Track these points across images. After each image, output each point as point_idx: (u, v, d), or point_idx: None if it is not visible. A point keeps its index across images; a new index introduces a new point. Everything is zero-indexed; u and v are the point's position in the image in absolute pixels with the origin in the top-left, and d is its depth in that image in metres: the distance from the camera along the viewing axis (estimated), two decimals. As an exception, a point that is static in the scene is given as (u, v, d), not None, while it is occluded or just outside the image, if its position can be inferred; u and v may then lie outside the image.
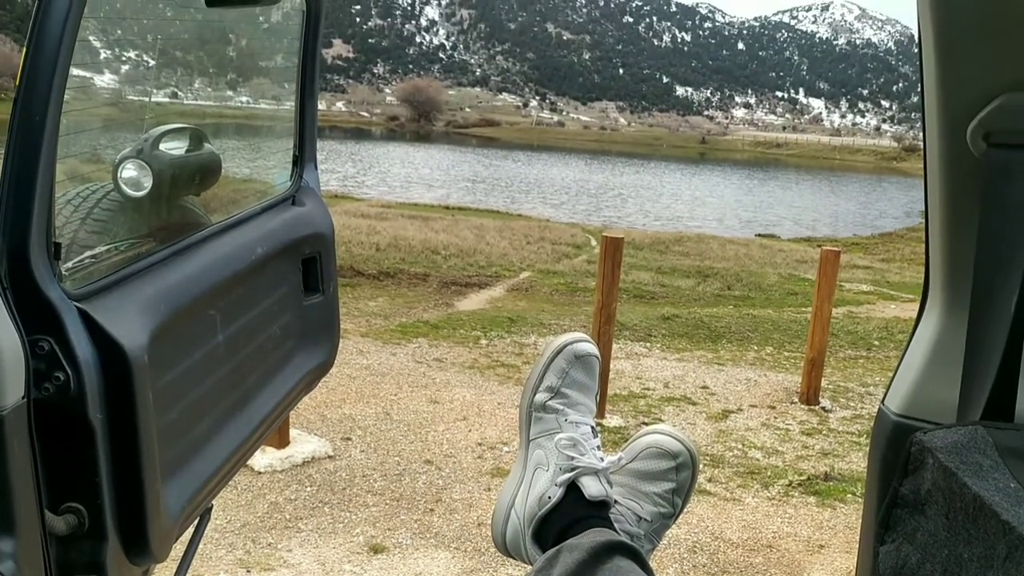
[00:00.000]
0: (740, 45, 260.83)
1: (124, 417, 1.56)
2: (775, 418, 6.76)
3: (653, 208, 37.57)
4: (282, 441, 5.25)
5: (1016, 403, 0.99)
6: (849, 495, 5.29)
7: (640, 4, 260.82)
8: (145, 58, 2.56)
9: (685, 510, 1.43)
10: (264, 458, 5.07)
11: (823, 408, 7.05)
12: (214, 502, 2.12)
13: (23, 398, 1.36)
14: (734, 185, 58.12)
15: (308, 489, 4.88)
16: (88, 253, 1.82)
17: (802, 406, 7.08)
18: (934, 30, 1.00)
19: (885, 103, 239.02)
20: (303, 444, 5.37)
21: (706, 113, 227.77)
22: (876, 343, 10.07)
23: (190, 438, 1.89)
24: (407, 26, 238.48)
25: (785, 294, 14.26)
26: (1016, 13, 0.95)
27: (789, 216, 38.14)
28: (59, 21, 1.46)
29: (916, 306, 1.27)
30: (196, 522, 2.03)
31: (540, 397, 1.38)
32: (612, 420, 6.31)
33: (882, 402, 1.22)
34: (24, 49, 1.49)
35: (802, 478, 5.53)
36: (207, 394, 1.95)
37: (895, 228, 33.23)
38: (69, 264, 1.69)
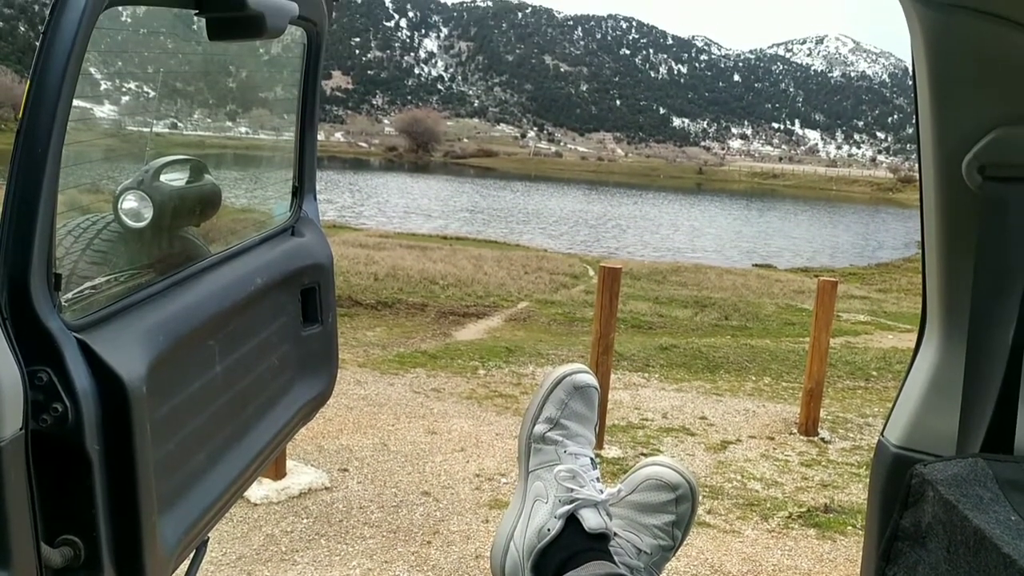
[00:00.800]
0: (736, 77, 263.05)
1: (122, 449, 1.56)
2: (774, 449, 6.73)
3: (651, 239, 37.68)
4: (278, 472, 5.22)
5: (1016, 435, 0.99)
6: (849, 527, 5.25)
7: (637, 37, 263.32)
8: (146, 89, 2.58)
9: (685, 542, 1.42)
10: (260, 489, 5.04)
11: (822, 439, 7.02)
12: (210, 534, 2.11)
13: (21, 429, 1.35)
14: (731, 215, 58.33)
15: (304, 521, 4.84)
16: (88, 284, 1.82)
17: (801, 437, 7.06)
18: (928, 66, 1.01)
19: (880, 134, 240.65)
20: (300, 475, 5.34)
21: (703, 144, 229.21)
22: (874, 373, 10.06)
23: (187, 469, 1.88)
24: (406, 58, 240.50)
25: (783, 324, 14.27)
26: (1008, 49, 0.96)
27: (786, 246, 38.25)
28: (63, 54, 1.48)
29: (914, 336, 1.27)
30: (192, 555, 2.02)
31: (539, 428, 1.38)
32: (611, 451, 6.28)
33: (881, 434, 1.22)
34: (27, 82, 1.50)
35: (802, 510, 5.49)
36: (205, 425, 1.95)
37: (892, 258, 33.32)
38: (69, 295, 1.69)
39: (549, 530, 1.29)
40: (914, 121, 1.13)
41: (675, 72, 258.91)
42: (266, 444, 2.22)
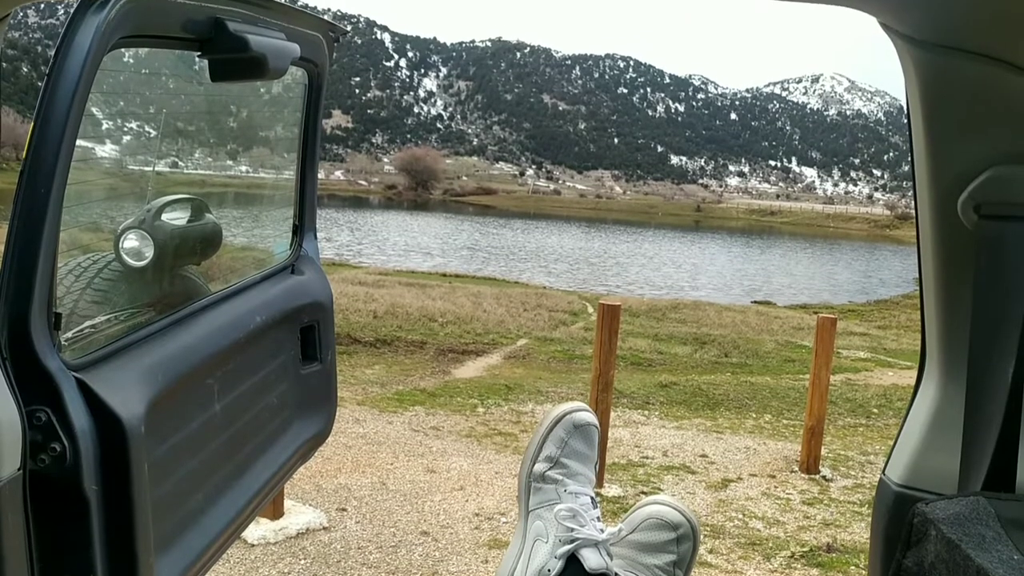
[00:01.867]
0: (733, 115, 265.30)
1: (119, 489, 1.55)
2: (775, 487, 6.68)
3: (651, 276, 37.75)
4: (276, 512, 5.17)
5: (1017, 473, 0.99)
6: (852, 567, 5.20)
7: (634, 76, 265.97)
8: (148, 129, 2.60)
9: (687, 583, 1.41)
10: (258, 530, 4.99)
11: (824, 477, 6.98)
12: (207, 576, 2.09)
13: (19, 470, 1.35)
14: (730, 252, 58.50)
15: (302, 562, 4.78)
16: (88, 323, 1.82)
17: (802, 475, 7.01)
18: (923, 106, 1.03)
19: (877, 172, 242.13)
20: (297, 515, 5.29)
21: (701, 181, 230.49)
22: (875, 411, 10.02)
23: (185, 510, 1.86)
24: (405, 97, 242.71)
25: (782, 361, 14.24)
26: (1000, 90, 0.98)
27: (785, 283, 38.31)
28: (67, 95, 1.49)
29: (914, 373, 1.27)
30: (189, 597, 1.99)
31: (539, 467, 1.37)
32: (611, 489, 6.23)
33: (883, 472, 1.22)
34: (32, 122, 1.52)
35: (804, 549, 5.44)
36: (203, 465, 1.94)
37: (891, 295, 33.35)
38: (69, 334, 1.70)
39: (550, 570, 1.28)
40: (910, 160, 1.14)
41: (672, 110, 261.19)
42: (264, 483, 2.21)
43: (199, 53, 1.80)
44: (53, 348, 1.50)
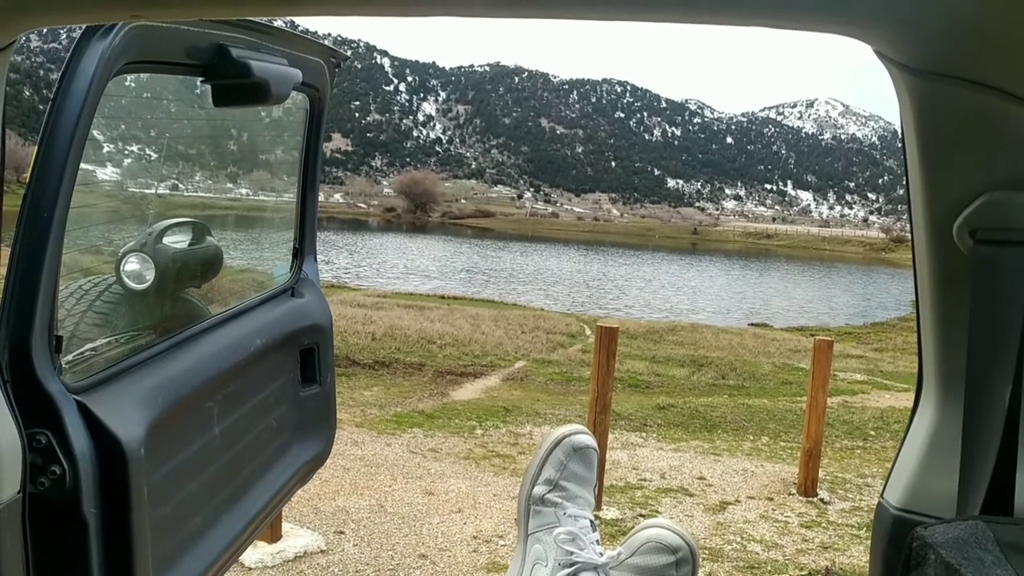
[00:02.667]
0: (729, 139, 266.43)
1: (118, 512, 1.55)
2: (773, 510, 6.66)
3: (649, 298, 37.75)
4: (274, 535, 5.14)
5: (1015, 496, 1.00)
6: (852, 591, 5.17)
7: (631, 100, 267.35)
8: (149, 152, 2.62)
9: (686, 606, 1.40)
10: (255, 553, 4.96)
11: (822, 500, 6.95)
12: (205, 600, 2.08)
13: (19, 493, 1.35)
14: (728, 275, 58.56)
15: (299, 585, 4.75)
16: (89, 346, 1.83)
17: (800, 498, 6.99)
18: (917, 132, 1.04)
19: (872, 195, 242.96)
20: (295, 538, 5.26)
21: (697, 204, 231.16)
22: (872, 433, 10.00)
23: (183, 533, 1.86)
24: (405, 121, 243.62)
25: (779, 383, 14.22)
26: (994, 116, 0.99)
27: (782, 305, 38.33)
28: (71, 120, 1.51)
29: (911, 396, 1.28)
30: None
31: (538, 490, 1.37)
32: (609, 512, 6.21)
33: (881, 495, 1.22)
34: (36, 146, 1.53)
35: (803, 573, 5.41)
36: (202, 487, 1.94)
37: (887, 318, 33.37)
38: (69, 357, 1.70)
39: (549, 594, 1.28)
40: (905, 184, 1.16)
41: (669, 134, 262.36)
42: (263, 506, 2.20)
43: (202, 79, 1.82)
44: (54, 371, 1.51)
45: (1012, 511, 0.99)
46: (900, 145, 1.13)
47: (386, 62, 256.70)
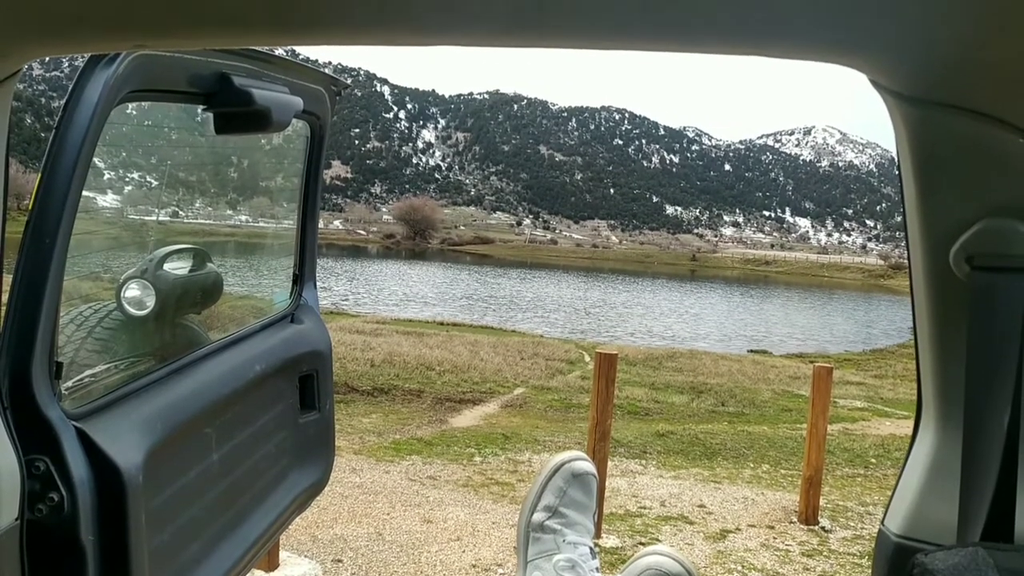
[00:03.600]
0: (727, 167, 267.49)
1: (116, 539, 1.54)
2: (774, 538, 6.61)
3: (649, 324, 37.72)
4: (271, 563, 5.10)
5: (1015, 522, 0.99)
6: (854, 620, 5.13)
7: (629, 128, 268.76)
8: (150, 180, 2.63)
9: (686, 635, 1.39)
10: (251, 582, 4.92)
11: (823, 528, 6.91)
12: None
13: (16, 519, 1.34)
14: (726, 302, 58.57)
15: (296, 615, 4.71)
16: (88, 372, 1.83)
17: (801, 526, 6.94)
18: (913, 160, 1.05)
19: (870, 222, 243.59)
20: (292, 567, 5.22)
21: (696, 231, 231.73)
22: (873, 461, 9.96)
23: (181, 560, 1.85)
24: (404, 148, 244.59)
25: (779, 410, 14.18)
26: (990, 143, 1.00)
27: (781, 332, 38.30)
28: (74, 148, 1.52)
29: (911, 423, 1.28)
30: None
31: (538, 517, 1.37)
32: (608, 540, 6.17)
33: (882, 523, 1.22)
34: (39, 173, 1.54)
35: (805, 602, 5.37)
36: (200, 514, 1.93)
37: (886, 344, 33.34)
38: (69, 383, 1.70)
39: (549, 622, 1.27)
40: (902, 211, 1.16)
41: (667, 162, 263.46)
42: (261, 534, 2.19)
43: (204, 106, 1.84)
44: (54, 397, 1.51)
45: (1013, 537, 0.99)
46: (897, 172, 1.14)
47: (386, 90, 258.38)
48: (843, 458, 9.94)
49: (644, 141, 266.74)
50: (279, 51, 2.40)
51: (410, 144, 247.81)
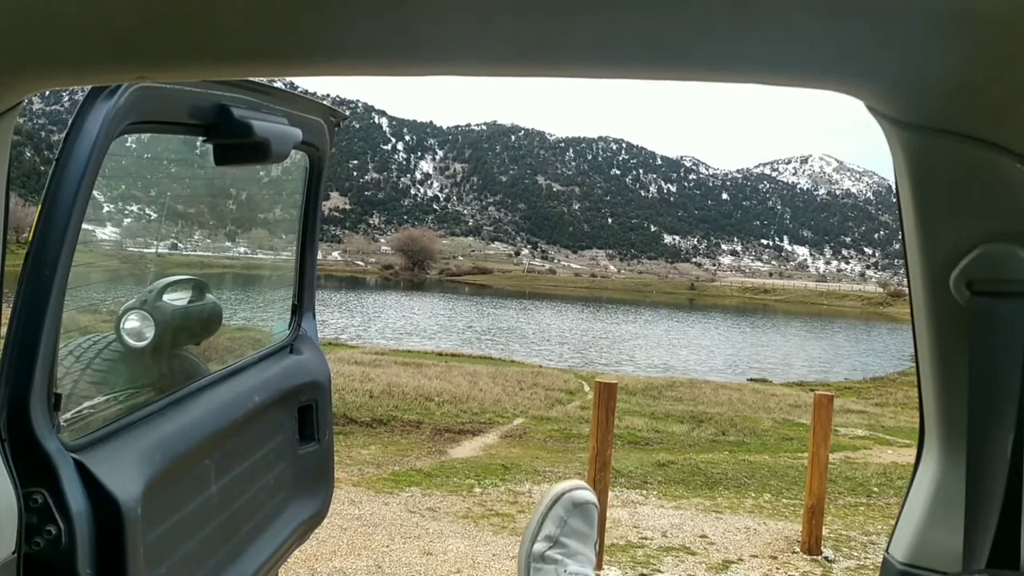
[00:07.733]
0: (724, 195, 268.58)
1: (114, 573, 1.52)
2: (777, 569, 6.55)
3: (648, 354, 37.66)
4: (268, 598, 5.05)
5: (1021, 549, 0.99)
6: (859, 652, 5.07)
7: (627, 157, 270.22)
8: (148, 212, 2.64)
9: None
10: (249, 616, 4.86)
11: (826, 558, 6.85)
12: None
13: (13, 553, 1.33)
14: (725, 330, 58.51)
15: (294, 650, 4.65)
16: (87, 403, 1.82)
17: (804, 556, 6.88)
18: (912, 186, 1.05)
19: (868, 250, 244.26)
20: (290, 601, 5.16)
21: (694, 260, 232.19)
22: (876, 489, 9.89)
23: (179, 595, 1.83)
24: (402, 179, 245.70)
25: (780, 439, 14.11)
26: (988, 169, 1.01)
27: (781, 360, 38.23)
28: (74, 181, 1.52)
29: (913, 451, 1.27)
30: None
31: (539, 547, 1.36)
32: (610, 572, 6.11)
33: (886, 551, 1.21)
34: (39, 205, 1.54)
35: (809, 633, 5.31)
36: (199, 546, 1.91)
37: (887, 372, 33.26)
38: (68, 414, 1.69)
39: (551, 654, 1.25)
40: (901, 237, 1.17)
41: (665, 191, 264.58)
42: (260, 566, 2.17)
43: (204, 138, 1.85)
44: (52, 429, 1.50)
45: (1019, 564, 0.98)
46: (895, 199, 1.14)
47: (384, 121, 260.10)
48: (845, 487, 9.87)
49: (641, 171, 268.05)
50: (278, 83, 2.42)
51: (408, 175, 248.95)
